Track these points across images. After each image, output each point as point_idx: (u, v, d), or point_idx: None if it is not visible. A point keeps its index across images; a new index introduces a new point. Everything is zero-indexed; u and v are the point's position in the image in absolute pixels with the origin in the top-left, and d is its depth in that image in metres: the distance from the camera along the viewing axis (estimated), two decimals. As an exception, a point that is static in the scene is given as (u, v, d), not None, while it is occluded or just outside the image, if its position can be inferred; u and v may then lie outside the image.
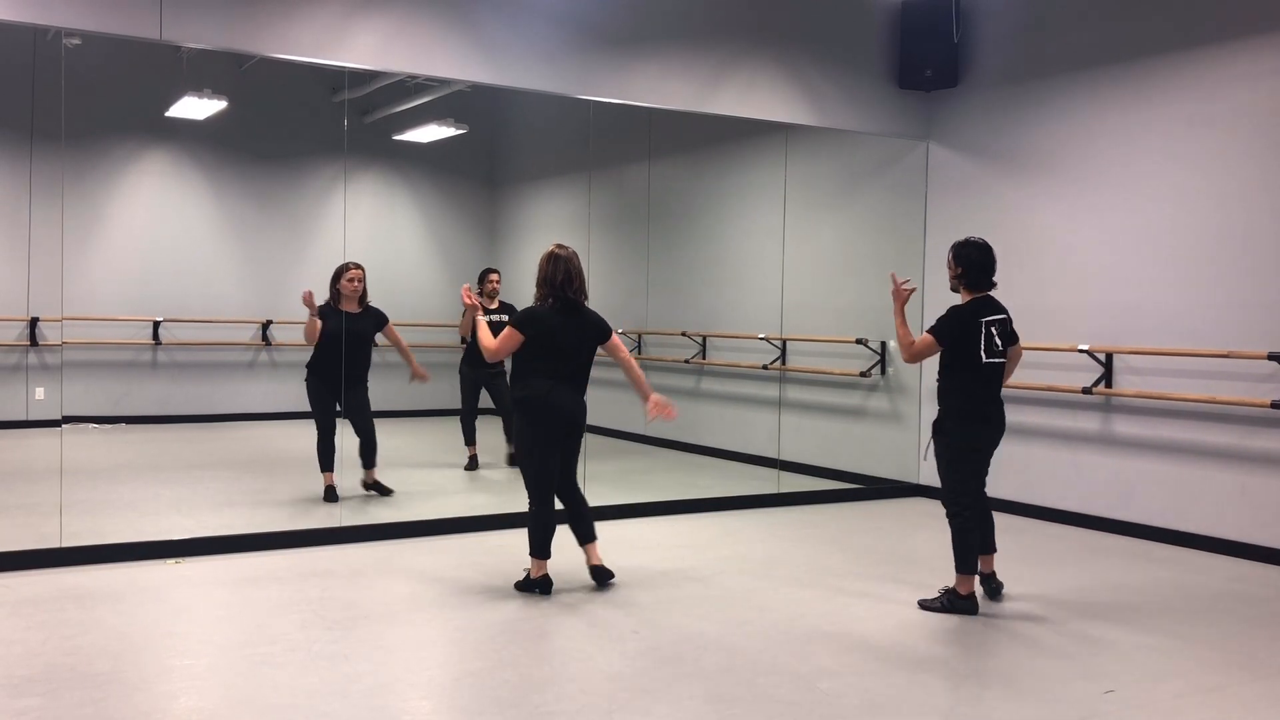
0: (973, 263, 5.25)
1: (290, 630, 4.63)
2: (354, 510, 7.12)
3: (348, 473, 7.63)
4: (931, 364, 8.43)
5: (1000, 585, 5.44)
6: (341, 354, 7.27)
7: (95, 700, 3.79)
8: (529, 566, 5.37)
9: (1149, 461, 7.01)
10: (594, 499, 7.27)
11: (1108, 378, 7.16)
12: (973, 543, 5.22)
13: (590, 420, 5.49)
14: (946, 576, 5.91)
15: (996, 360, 5.25)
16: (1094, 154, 7.34)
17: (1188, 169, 6.81)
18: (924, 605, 5.28)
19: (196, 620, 4.83)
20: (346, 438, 7.51)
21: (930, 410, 8.44)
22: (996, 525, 5.50)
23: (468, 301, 5.48)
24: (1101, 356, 7.17)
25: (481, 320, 5.43)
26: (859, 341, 8.69)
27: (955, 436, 5.28)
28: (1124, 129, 7.16)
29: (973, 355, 5.19)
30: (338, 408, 7.47)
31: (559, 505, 5.42)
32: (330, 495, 7.36)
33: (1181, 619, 5.19)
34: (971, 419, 5.27)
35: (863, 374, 8.70)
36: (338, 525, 6.57)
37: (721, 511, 7.70)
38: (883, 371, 8.71)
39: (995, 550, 5.45)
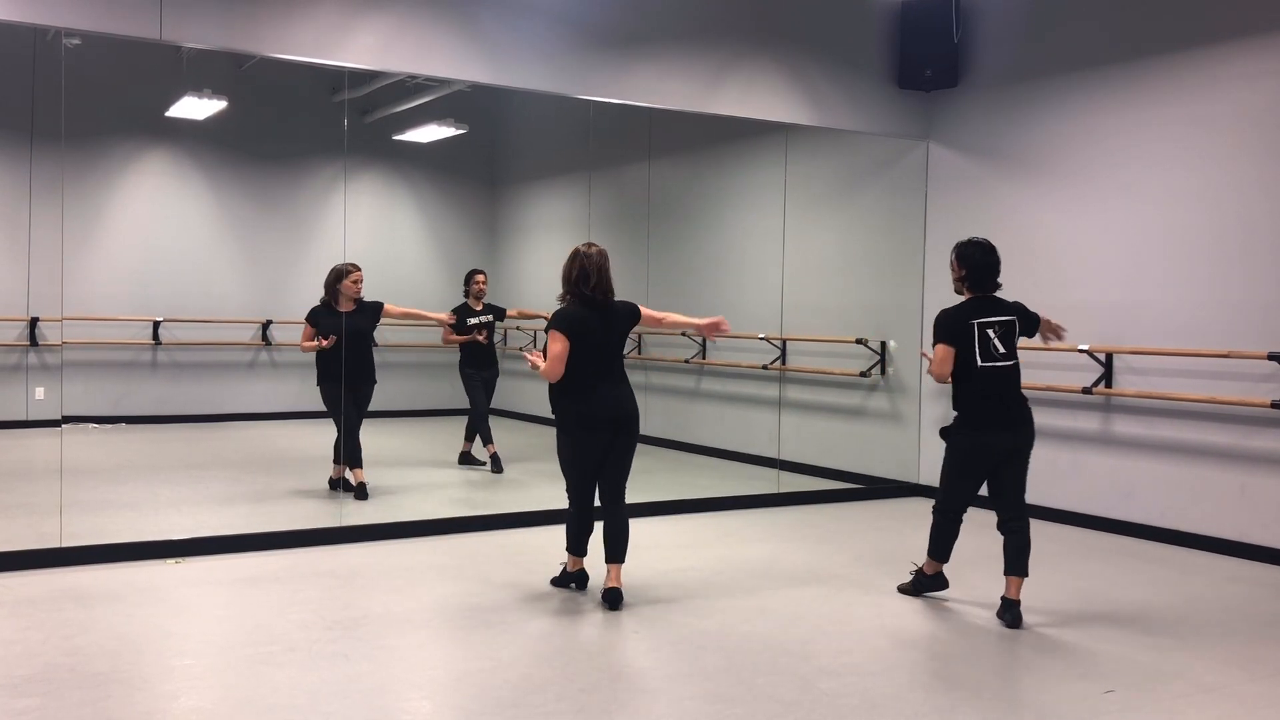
0: (976, 263, 5.13)
1: (290, 630, 4.63)
2: (354, 510, 7.12)
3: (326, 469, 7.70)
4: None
5: (1018, 615, 4.98)
6: (344, 353, 7.33)
7: (95, 700, 3.79)
8: (565, 561, 5.48)
9: (1149, 461, 7.01)
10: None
11: (1108, 378, 7.16)
12: (942, 536, 5.30)
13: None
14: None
15: (997, 364, 5.05)
16: (1094, 154, 7.34)
17: (1188, 169, 6.81)
18: (902, 589, 5.50)
19: (196, 620, 4.83)
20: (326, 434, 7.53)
21: (930, 410, 8.46)
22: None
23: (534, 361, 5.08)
24: (1101, 356, 7.17)
25: (538, 357, 5.13)
26: (859, 341, 8.69)
27: (951, 442, 5.22)
28: (1124, 129, 7.16)
29: (966, 361, 5.05)
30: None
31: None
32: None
33: (1181, 619, 5.19)
34: (967, 426, 5.15)
35: (863, 374, 8.70)
36: (338, 525, 6.57)
37: (721, 511, 7.70)
38: (883, 371, 8.71)
39: (1025, 574, 5.02)
